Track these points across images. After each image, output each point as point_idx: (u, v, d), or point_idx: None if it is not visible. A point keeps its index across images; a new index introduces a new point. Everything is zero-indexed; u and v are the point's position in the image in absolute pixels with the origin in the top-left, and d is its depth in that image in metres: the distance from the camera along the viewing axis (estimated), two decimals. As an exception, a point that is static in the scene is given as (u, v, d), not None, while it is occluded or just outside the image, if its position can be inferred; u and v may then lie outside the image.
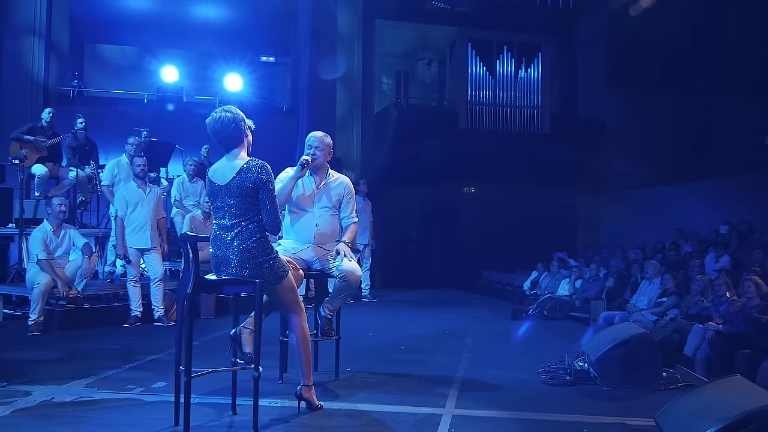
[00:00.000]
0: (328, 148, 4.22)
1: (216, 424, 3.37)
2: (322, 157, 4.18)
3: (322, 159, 4.19)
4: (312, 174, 4.25)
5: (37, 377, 4.26)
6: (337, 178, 4.32)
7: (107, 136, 9.84)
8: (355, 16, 12.58)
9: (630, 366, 4.18)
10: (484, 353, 5.45)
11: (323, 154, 4.18)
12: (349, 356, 5.10)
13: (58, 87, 11.50)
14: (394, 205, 12.42)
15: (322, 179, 4.26)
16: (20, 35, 11.05)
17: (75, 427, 3.25)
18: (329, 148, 4.24)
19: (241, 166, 3.27)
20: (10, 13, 11.01)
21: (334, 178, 4.31)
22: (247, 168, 3.26)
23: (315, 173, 4.25)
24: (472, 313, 8.30)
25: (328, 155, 4.23)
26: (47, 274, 6.07)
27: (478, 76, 12.11)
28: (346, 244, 4.23)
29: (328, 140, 4.23)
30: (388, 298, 9.91)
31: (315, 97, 12.14)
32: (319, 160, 4.17)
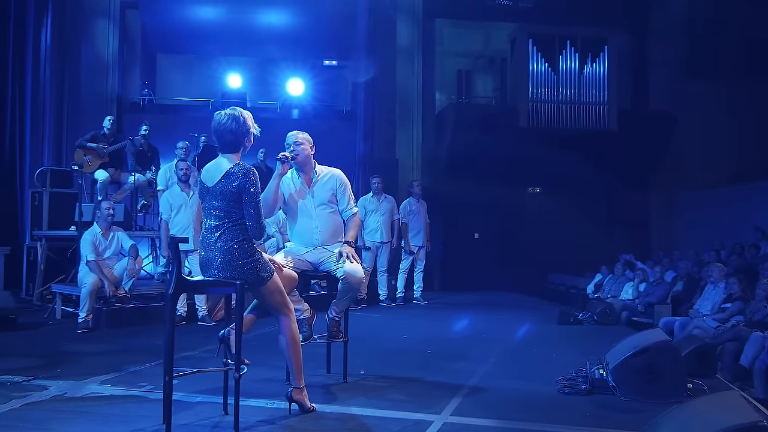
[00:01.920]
0: (308, 141, 4.19)
1: (204, 423, 3.41)
2: (304, 153, 4.15)
3: (304, 155, 4.15)
4: (299, 172, 4.22)
5: (63, 373, 4.46)
6: (326, 172, 4.29)
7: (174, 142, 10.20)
8: (414, 16, 12.51)
9: (650, 376, 3.91)
10: (512, 359, 5.26)
11: (303, 149, 4.14)
12: (369, 359, 5.09)
13: (129, 96, 12.08)
14: (456, 207, 12.26)
15: (310, 176, 4.22)
16: (96, 47, 11.70)
17: (71, 422, 3.37)
18: (310, 143, 4.20)
19: (228, 169, 3.30)
20: (87, 27, 11.67)
21: (323, 173, 4.27)
22: (233, 172, 3.29)
23: (302, 171, 4.22)
24: (522, 317, 8.04)
25: (309, 149, 4.18)
26: (95, 275, 6.37)
27: (540, 73, 11.75)
28: (350, 244, 4.19)
29: (305, 135, 4.20)
30: (442, 300, 9.77)
31: (374, 99, 12.16)
32: (301, 156, 4.14)
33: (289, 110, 12.67)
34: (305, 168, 4.24)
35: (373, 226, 8.73)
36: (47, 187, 8.65)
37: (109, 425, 3.34)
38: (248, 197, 3.25)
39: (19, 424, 3.31)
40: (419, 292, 9.23)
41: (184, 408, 3.63)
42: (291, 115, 12.65)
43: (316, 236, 4.20)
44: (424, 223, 9.14)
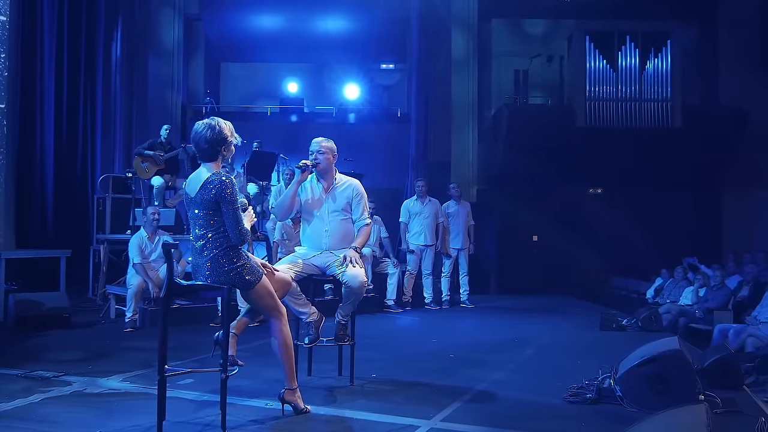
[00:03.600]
0: (331, 151, 4.27)
1: (198, 420, 3.54)
2: (326, 161, 4.24)
3: (325, 163, 4.24)
4: (319, 179, 4.32)
5: (92, 369, 4.73)
6: (345, 181, 4.36)
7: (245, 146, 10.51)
8: (469, 17, 12.41)
9: (658, 386, 3.75)
10: (532, 366, 5.15)
11: (326, 158, 4.24)
12: (386, 362, 5.13)
13: (193, 104, 12.59)
14: (512, 209, 12.06)
15: (329, 184, 4.31)
16: (162, 58, 12.29)
17: (77, 416, 3.59)
18: (332, 151, 4.29)
19: (206, 179, 3.41)
20: (154, 38, 12.27)
21: (342, 182, 4.34)
22: (210, 181, 3.39)
23: (322, 178, 4.32)
24: (566, 322, 7.85)
25: (331, 158, 4.27)
26: (140, 277, 6.70)
27: (598, 71, 11.37)
28: (357, 249, 4.24)
29: (329, 144, 4.29)
30: (492, 304, 9.65)
31: (428, 101, 12.16)
32: (322, 164, 4.24)
33: (345, 115, 12.84)
34: (326, 176, 4.35)
35: (416, 229, 8.75)
36: (110, 193, 9.17)
37: (110, 419, 3.53)
38: (225, 205, 3.34)
39: (29, 416, 3.55)
40: (465, 296, 9.15)
41: (186, 406, 3.80)
42: (347, 120, 12.82)
43: (324, 240, 4.28)
44: (465, 225, 9.06)
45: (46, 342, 5.87)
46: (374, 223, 8.62)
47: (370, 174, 11.22)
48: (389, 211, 9.61)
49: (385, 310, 8.40)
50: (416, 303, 8.83)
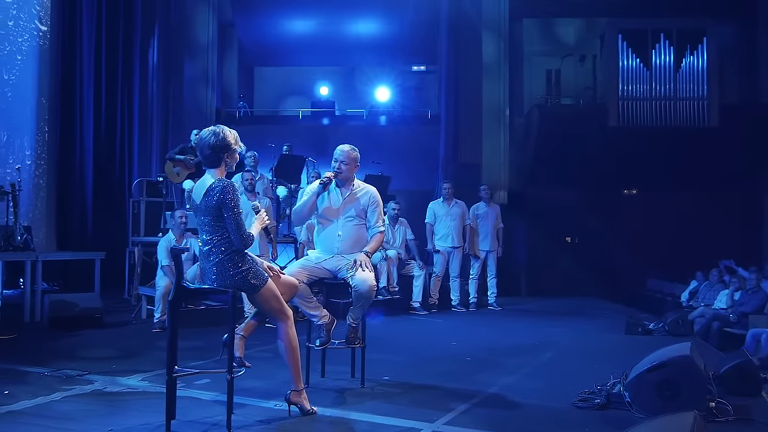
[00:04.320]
0: (354, 161, 4.38)
1: (207, 420, 3.63)
2: (347, 171, 4.35)
3: (347, 172, 4.35)
4: (339, 186, 4.40)
5: (115, 369, 4.89)
6: (362, 188, 4.44)
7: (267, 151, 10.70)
8: (500, 17, 12.32)
9: (667, 392, 3.69)
10: (547, 370, 5.11)
11: (348, 168, 4.35)
12: (401, 364, 5.18)
13: (226, 108, 12.84)
14: (545, 210, 11.96)
15: (348, 189, 4.39)
16: (197, 63, 12.57)
17: (92, 414, 3.71)
18: (355, 162, 4.39)
19: (209, 186, 3.50)
20: (189, 43, 12.56)
21: (359, 188, 4.42)
22: (212, 188, 3.48)
23: (342, 185, 4.40)
24: (594, 324, 7.75)
25: (353, 168, 4.38)
26: (168, 278, 6.88)
27: (631, 70, 11.19)
28: (368, 254, 4.30)
29: (354, 154, 4.39)
30: (521, 306, 9.60)
31: (459, 103, 12.14)
32: (344, 174, 4.34)
33: (376, 117, 12.93)
34: (345, 182, 4.44)
35: (443, 231, 8.75)
36: (143, 196, 9.42)
37: (123, 417, 3.65)
38: (227, 211, 3.43)
39: (47, 414, 3.71)
40: (493, 298, 9.11)
41: (198, 406, 3.90)
42: (378, 122, 12.90)
43: (336, 244, 4.36)
44: (494, 227, 9.02)
45: (76, 341, 6.08)
46: (400, 225, 8.69)
47: (400, 176, 11.29)
48: (419, 212, 9.64)
49: (410, 312, 8.43)
50: (443, 305, 8.83)
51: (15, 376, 4.64)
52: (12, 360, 5.14)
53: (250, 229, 3.63)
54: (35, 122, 10.12)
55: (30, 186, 9.96)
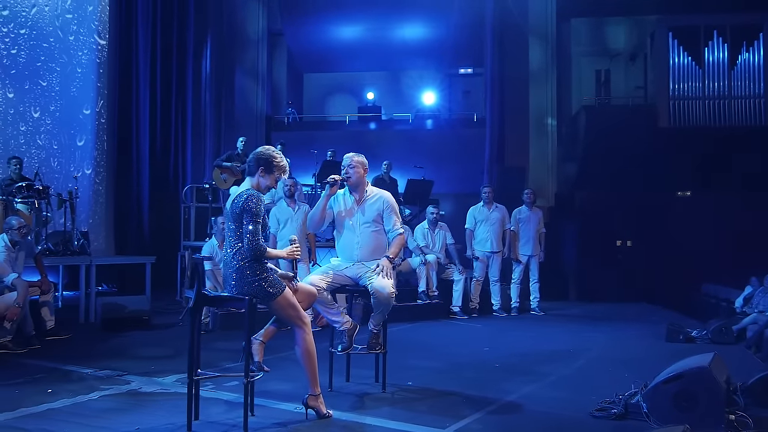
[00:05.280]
0: (361, 165, 4.44)
1: (227, 421, 3.79)
2: (356, 175, 4.42)
3: (356, 177, 4.42)
4: (352, 192, 4.50)
5: (154, 369, 5.14)
6: (375, 194, 4.51)
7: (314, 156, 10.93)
8: (547, 17, 12.23)
9: (684, 404, 3.63)
10: (574, 378, 5.06)
11: (356, 172, 4.41)
12: (426, 370, 5.25)
13: (276, 115, 13.16)
14: (594, 213, 11.74)
15: (361, 196, 4.48)
16: (247, 71, 12.96)
17: (124, 413, 3.93)
18: (363, 165, 4.45)
19: (237, 194, 3.68)
20: (240, 53, 12.95)
21: (372, 194, 4.50)
22: (239, 196, 3.66)
23: (354, 191, 4.49)
24: (638, 331, 7.59)
25: (362, 172, 4.44)
26: (210, 282, 7.14)
27: (682, 68, 10.89)
28: (390, 259, 4.38)
29: (360, 158, 4.45)
30: (565, 311, 9.46)
31: (505, 105, 12.09)
32: (353, 178, 4.42)
33: (421, 121, 13.00)
34: (358, 188, 4.53)
35: (483, 236, 8.74)
36: (193, 202, 9.78)
37: (151, 417, 3.85)
38: (247, 215, 3.59)
39: (82, 412, 3.95)
40: (536, 303, 9.03)
41: (222, 407, 4.08)
42: (424, 126, 12.97)
43: (356, 252, 4.46)
44: (536, 232, 8.94)
45: (123, 342, 6.40)
46: (440, 229, 8.73)
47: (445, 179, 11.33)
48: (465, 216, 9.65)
49: (450, 316, 8.45)
50: (484, 310, 8.81)
51: (61, 375, 4.94)
52: (62, 359, 5.47)
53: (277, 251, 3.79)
54: (94, 132, 10.65)
55: (90, 193, 10.50)
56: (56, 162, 9.96)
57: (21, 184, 7.64)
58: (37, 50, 9.72)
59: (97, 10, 10.75)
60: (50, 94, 9.92)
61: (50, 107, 9.91)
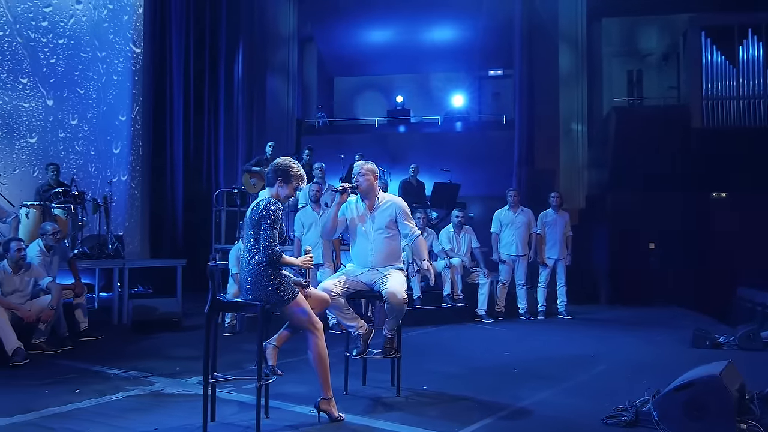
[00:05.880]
0: (371, 172, 4.52)
1: (242, 423, 3.91)
2: (366, 183, 4.50)
3: (366, 184, 4.50)
4: (363, 199, 4.58)
5: (179, 371, 5.30)
6: (387, 200, 4.59)
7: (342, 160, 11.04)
8: (577, 17, 12.13)
9: (695, 412, 3.61)
10: (590, 385, 5.04)
11: (366, 179, 4.50)
12: (445, 374, 5.30)
13: (306, 119, 13.33)
14: (626, 215, 11.59)
15: (372, 203, 4.55)
16: (278, 76, 13.16)
17: (143, 413, 4.10)
18: (372, 173, 4.53)
19: (256, 201, 3.82)
20: (271, 58, 13.16)
21: (384, 201, 4.57)
22: (258, 203, 3.81)
23: (366, 198, 4.57)
24: (666, 336, 7.49)
25: (372, 180, 4.52)
26: (236, 285, 7.30)
27: (716, 68, 10.68)
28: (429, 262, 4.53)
29: (369, 166, 4.53)
30: (594, 315, 9.37)
31: (534, 108, 12.02)
32: (363, 186, 4.50)
33: (450, 123, 13.02)
34: (369, 195, 4.61)
35: (508, 240, 8.73)
36: (224, 206, 9.99)
37: (170, 418, 4.00)
38: (264, 222, 3.71)
39: (106, 412, 4.12)
40: (563, 306, 8.97)
41: (239, 409, 4.20)
42: (453, 128, 12.98)
43: (370, 258, 4.54)
44: (562, 235, 8.88)
45: (152, 344, 6.60)
46: (465, 232, 8.76)
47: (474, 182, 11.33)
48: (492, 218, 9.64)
49: (476, 320, 8.46)
50: (510, 313, 8.80)
51: (89, 376, 5.15)
52: (92, 360, 5.69)
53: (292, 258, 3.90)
54: (130, 138, 10.96)
55: (126, 197, 10.81)
56: (93, 167, 10.28)
57: (58, 189, 7.94)
58: (75, 59, 10.05)
59: (132, 19, 11.07)
60: (88, 102, 10.25)
61: (88, 114, 10.24)
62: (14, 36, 9.17)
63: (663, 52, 12.05)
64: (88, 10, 10.27)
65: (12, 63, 9.16)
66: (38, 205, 7.52)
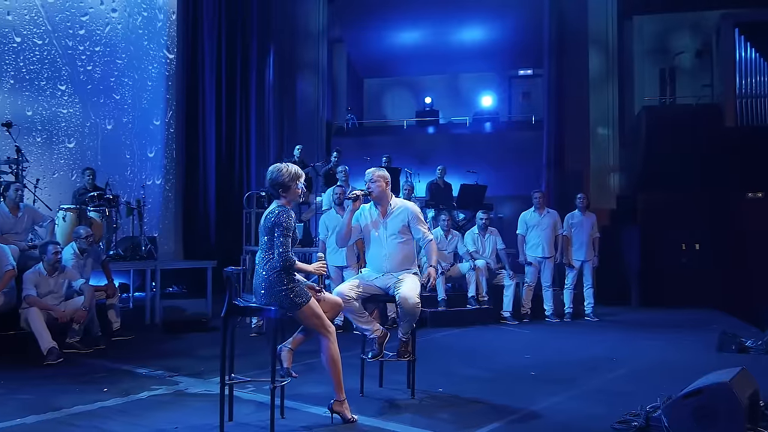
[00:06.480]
0: (382, 179, 4.60)
1: (258, 423, 4.02)
2: (378, 189, 4.59)
3: (378, 191, 4.59)
4: (376, 205, 4.67)
5: (204, 371, 5.47)
6: (399, 205, 4.67)
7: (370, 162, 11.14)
8: (607, 16, 11.99)
9: (704, 419, 3.60)
10: (608, 389, 5.02)
11: (378, 186, 4.58)
12: (462, 377, 5.35)
13: (335, 121, 13.47)
14: (658, 215, 11.43)
15: (385, 209, 4.64)
16: (308, 78, 13.33)
17: (165, 412, 4.25)
18: (384, 179, 4.61)
19: (269, 210, 3.94)
20: (301, 61, 13.34)
21: (396, 206, 4.66)
22: (271, 212, 3.92)
23: (379, 204, 4.67)
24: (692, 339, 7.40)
25: (384, 186, 4.60)
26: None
27: (750, 64, 10.46)
28: (435, 268, 4.57)
29: (382, 173, 4.63)
30: (622, 317, 9.30)
31: (564, 108, 11.94)
32: (375, 192, 4.59)
33: (479, 124, 13.01)
34: (381, 201, 4.71)
35: (534, 241, 8.72)
36: (254, 208, 10.19)
37: (191, 417, 4.15)
38: (278, 229, 3.82)
39: (130, 411, 4.29)
40: (590, 308, 8.93)
41: (256, 409, 4.33)
42: (482, 129, 12.97)
43: (384, 263, 4.63)
44: (589, 237, 8.83)
45: (180, 344, 6.79)
46: (490, 234, 8.78)
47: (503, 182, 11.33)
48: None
49: (501, 322, 8.48)
50: (536, 315, 8.79)
51: (118, 375, 5.35)
52: (122, 360, 5.90)
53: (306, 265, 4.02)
54: (164, 142, 11.26)
55: (160, 200, 11.12)
56: (129, 171, 10.60)
57: (93, 193, 8.21)
58: (111, 66, 10.38)
59: (165, 25, 11.36)
60: (123, 107, 10.57)
61: (123, 119, 10.56)
62: (53, 45, 9.53)
63: (696, 50, 11.83)
64: (123, 18, 10.58)
65: (51, 71, 9.52)
66: (74, 208, 7.80)
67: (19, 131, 8.19)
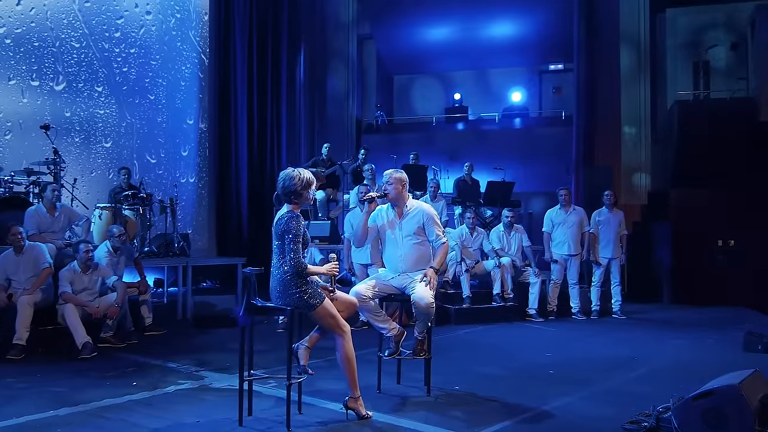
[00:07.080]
0: (399, 181, 4.69)
1: (275, 418, 4.15)
2: (395, 191, 4.68)
3: (395, 192, 4.68)
4: (393, 207, 4.77)
5: (229, 366, 5.65)
6: (415, 207, 4.75)
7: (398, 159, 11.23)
8: (639, 9, 11.82)
9: (714, 422, 3.61)
10: (624, 389, 5.02)
11: (394, 188, 4.67)
12: (479, 375, 5.43)
13: (365, 119, 13.59)
14: (691, 211, 11.26)
15: (401, 210, 4.73)
16: (338, 76, 13.47)
17: (188, 405, 4.42)
18: (400, 182, 4.69)
19: (279, 215, 4.06)
20: (331, 59, 13.48)
21: (412, 207, 4.74)
22: (280, 217, 4.04)
23: (395, 205, 4.76)
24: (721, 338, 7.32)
25: (400, 188, 4.69)
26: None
27: (787, 57, 10.22)
28: (435, 269, 4.62)
29: (398, 175, 4.71)
30: (651, 315, 9.24)
31: (594, 104, 11.83)
32: (392, 194, 4.68)
33: (509, 119, 12.97)
34: (398, 203, 4.81)
35: (560, 239, 8.71)
36: (283, 205, 10.36)
37: (212, 411, 4.32)
38: (288, 236, 3.95)
39: (155, 404, 4.48)
40: (618, 306, 8.88)
41: (274, 404, 4.48)
42: (512, 125, 12.93)
43: (400, 264, 4.73)
44: (616, 234, 8.77)
45: (208, 339, 7.01)
46: (516, 231, 8.79)
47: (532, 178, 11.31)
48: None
49: (526, 319, 8.50)
50: (563, 313, 8.79)
51: (148, 369, 5.57)
52: (152, 354, 6.13)
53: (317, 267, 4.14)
54: (197, 141, 11.53)
55: (194, 198, 11.40)
56: (162, 169, 10.90)
57: (128, 192, 8.49)
58: (146, 67, 10.67)
59: (198, 26, 11.62)
60: (157, 107, 10.86)
61: (157, 119, 10.85)
62: (90, 47, 9.84)
63: (731, 43, 11.58)
64: (157, 20, 10.86)
65: (88, 73, 9.84)
66: (110, 207, 8.09)
67: (57, 132, 8.51)
